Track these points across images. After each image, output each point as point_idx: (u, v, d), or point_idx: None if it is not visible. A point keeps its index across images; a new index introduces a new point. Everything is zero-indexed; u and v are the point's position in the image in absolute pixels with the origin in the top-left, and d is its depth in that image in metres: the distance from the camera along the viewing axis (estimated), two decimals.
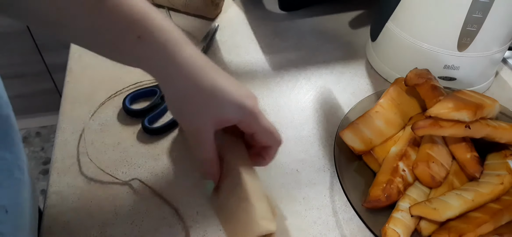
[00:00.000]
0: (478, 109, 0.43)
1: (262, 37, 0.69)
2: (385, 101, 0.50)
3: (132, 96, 0.55)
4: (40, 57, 1.50)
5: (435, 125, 0.43)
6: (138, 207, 0.44)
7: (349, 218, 0.45)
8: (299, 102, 0.58)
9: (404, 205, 0.41)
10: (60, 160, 0.48)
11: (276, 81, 0.61)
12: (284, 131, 0.53)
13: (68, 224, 0.42)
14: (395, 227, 0.39)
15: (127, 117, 0.53)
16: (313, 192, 0.47)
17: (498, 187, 0.41)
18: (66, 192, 0.45)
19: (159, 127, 0.52)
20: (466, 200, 0.40)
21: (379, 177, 0.44)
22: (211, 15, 0.72)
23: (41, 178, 1.51)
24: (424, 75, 0.49)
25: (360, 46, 0.68)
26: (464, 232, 0.38)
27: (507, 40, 0.55)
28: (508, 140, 0.44)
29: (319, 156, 0.51)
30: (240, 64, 0.64)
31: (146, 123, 0.51)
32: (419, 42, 0.55)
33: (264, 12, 0.75)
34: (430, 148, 0.44)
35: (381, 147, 0.47)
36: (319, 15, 0.75)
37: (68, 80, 0.59)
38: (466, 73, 0.56)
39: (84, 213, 0.43)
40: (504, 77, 0.64)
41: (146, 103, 0.55)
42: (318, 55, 0.66)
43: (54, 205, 0.44)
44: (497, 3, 0.48)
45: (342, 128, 0.47)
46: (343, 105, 0.58)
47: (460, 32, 0.52)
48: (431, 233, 0.40)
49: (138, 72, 0.60)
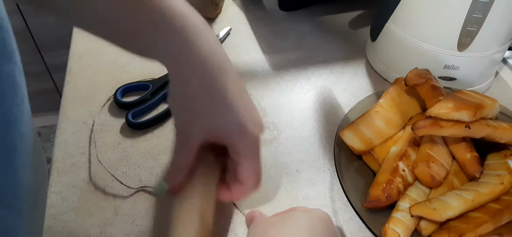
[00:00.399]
0: (478, 109, 0.43)
1: (262, 37, 0.69)
2: (385, 101, 0.50)
3: (124, 89, 0.56)
4: (40, 57, 1.50)
5: (435, 125, 0.43)
6: (138, 207, 0.44)
7: (349, 218, 0.45)
8: (299, 102, 0.58)
9: (404, 205, 0.41)
10: (60, 160, 0.48)
11: (276, 81, 0.61)
12: (284, 131, 0.53)
13: (68, 224, 0.42)
14: (395, 227, 0.39)
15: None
16: (313, 192, 0.47)
17: (498, 187, 0.41)
18: (66, 192, 0.45)
19: (143, 122, 0.52)
20: (466, 200, 0.40)
21: (379, 177, 0.44)
22: (211, 15, 0.72)
23: None
24: (424, 75, 0.49)
25: (360, 46, 0.68)
26: (464, 232, 0.38)
27: (507, 40, 0.55)
28: (508, 140, 0.44)
29: (319, 156, 0.51)
30: (240, 64, 0.64)
31: (130, 117, 0.52)
32: (419, 42, 0.55)
33: (264, 12, 0.75)
34: (430, 148, 0.44)
35: (381, 147, 0.47)
36: (319, 15, 0.75)
37: (68, 80, 0.59)
38: (466, 73, 0.56)
39: (84, 213, 0.43)
40: (504, 77, 0.64)
41: (137, 97, 0.55)
42: (318, 55, 0.66)
43: (54, 205, 0.44)
44: (497, 3, 0.48)
45: (342, 128, 0.47)
46: (343, 105, 0.58)
47: (460, 32, 0.52)
48: (431, 233, 0.40)
49: (138, 72, 0.61)
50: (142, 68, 0.61)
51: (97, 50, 0.64)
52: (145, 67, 0.61)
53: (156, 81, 0.57)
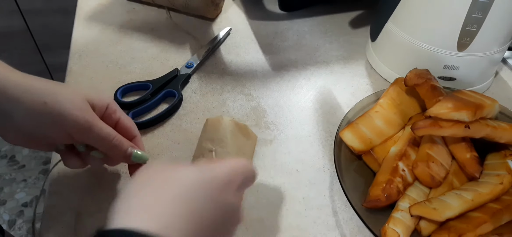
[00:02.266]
0: (477, 109, 0.43)
1: (262, 37, 0.69)
2: (385, 101, 0.50)
3: (124, 89, 0.56)
4: (40, 57, 1.50)
5: (435, 125, 0.43)
6: None
7: (349, 218, 0.45)
8: (299, 102, 0.58)
9: (404, 205, 0.41)
10: None
11: (276, 81, 0.61)
12: (284, 131, 0.53)
13: (68, 224, 0.42)
14: (395, 227, 0.39)
15: None
16: (313, 192, 0.47)
17: (497, 187, 0.41)
18: (66, 192, 0.45)
19: (143, 122, 0.52)
20: (465, 200, 0.40)
21: (379, 177, 0.44)
22: (211, 15, 0.72)
23: (41, 178, 1.51)
24: (423, 75, 0.49)
25: (360, 46, 0.68)
26: (464, 232, 0.38)
27: (507, 40, 0.55)
28: (507, 140, 0.44)
29: (319, 156, 0.51)
30: (240, 64, 0.64)
31: (130, 117, 0.52)
32: (419, 42, 0.55)
33: (264, 12, 0.75)
34: (430, 148, 0.44)
35: (381, 147, 0.47)
36: (319, 15, 0.75)
37: (68, 80, 0.59)
38: (466, 73, 0.56)
39: (84, 213, 0.43)
40: (504, 77, 0.64)
41: (137, 97, 0.56)
42: (318, 55, 0.66)
43: (54, 205, 0.44)
44: (497, 3, 0.48)
45: (342, 128, 0.48)
46: (343, 105, 0.58)
47: (460, 32, 0.52)
48: (430, 233, 0.40)
49: (138, 72, 0.61)
50: (142, 68, 0.61)
51: (97, 50, 0.64)
52: (145, 68, 0.61)
53: (156, 81, 0.57)
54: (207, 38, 0.67)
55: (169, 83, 0.57)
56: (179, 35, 0.68)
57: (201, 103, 0.56)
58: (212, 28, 0.71)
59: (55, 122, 0.36)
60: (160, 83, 0.57)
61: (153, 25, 0.70)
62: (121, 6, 0.73)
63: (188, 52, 0.65)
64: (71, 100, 0.36)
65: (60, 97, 0.36)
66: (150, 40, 0.67)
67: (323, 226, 0.44)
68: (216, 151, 0.45)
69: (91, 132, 0.37)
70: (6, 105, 0.34)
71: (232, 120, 0.47)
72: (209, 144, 0.46)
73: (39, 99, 0.35)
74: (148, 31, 0.68)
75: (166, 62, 0.63)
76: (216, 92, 0.58)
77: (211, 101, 0.57)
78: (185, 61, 0.62)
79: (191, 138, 0.51)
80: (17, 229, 1.36)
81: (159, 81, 0.57)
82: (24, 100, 0.34)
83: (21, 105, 0.34)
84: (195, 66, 0.61)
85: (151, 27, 0.69)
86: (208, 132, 0.47)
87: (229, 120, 0.47)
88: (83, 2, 0.74)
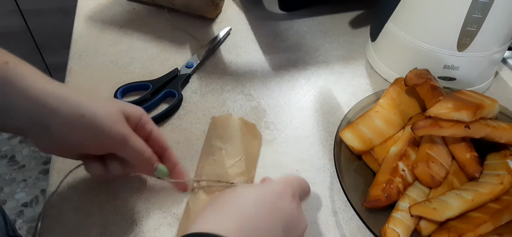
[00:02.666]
0: (477, 109, 0.43)
1: (262, 37, 0.69)
2: (385, 101, 0.50)
3: (124, 89, 0.56)
4: (40, 57, 1.50)
5: (435, 125, 0.43)
6: (139, 207, 0.44)
7: (349, 218, 0.45)
8: (299, 102, 0.58)
9: (404, 205, 0.41)
10: (61, 160, 0.48)
11: (276, 81, 0.61)
12: (284, 131, 0.53)
13: (68, 224, 0.42)
14: (395, 227, 0.39)
15: None
16: (313, 192, 0.47)
17: (497, 187, 0.41)
18: (66, 192, 0.45)
19: None
20: (465, 200, 0.40)
21: (379, 177, 0.44)
22: (211, 15, 0.72)
23: (41, 178, 1.51)
24: (423, 75, 0.49)
25: (360, 46, 0.68)
26: (464, 232, 0.38)
27: (507, 40, 0.55)
28: (507, 140, 0.44)
29: (319, 156, 0.51)
30: (240, 64, 0.64)
31: None
32: (419, 42, 0.55)
33: (264, 12, 0.75)
34: (430, 148, 0.44)
35: (381, 147, 0.47)
36: (319, 15, 0.75)
37: (68, 80, 0.59)
38: (466, 73, 0.56)
39: (84, 213, 0.43)
40: (504, 77, 0.64)
41: (137, 97, 0.55)
42: (318, 55, 0.66)
43: (54, 205, 0.44)
44: (496, 3, 0.48)
45: (342, 128, 0.48)
46: (343, 105, 0.58)
47: (460, 32, 0.52)
48: (430, 233, 0.40)
49: (138, 72, 0.61)
50: (142, 68, 0.61)
51: (97, 50, 0.64)
52: (145, 67, 0.61)
53: (156, 81, 0.57)
54: (207, 38, 0.68)
55: (169, 83, 0.57)
56: (179, 35, 0.68)
57: (201, 103, 0.56)
58: (212, 28, 0.71)
59: (91, 134, 0.36)
60: (160, 83, 0.57)
61: (153, 25, 0.70)
62: (121, 6, 0.73)
63: (188, 52, 0.65)
64: (107, 113, 0.36)
65: (96, 109, 0.36)
66: (150, 40, 0.67)
67: (323, 226, 0.44)
68: (226, 149, 0.45)
69: (126, 146, 0.37)
70: (44, 116, 0.34)
71: (241, 119, 0.47)
72: (219, 142, 0.46)
73: (76, 111, 0.35)
74: (148, 31, 0.68)
75: (166, 62, 0.63)
76: (216, 92, 0.58)
77: (211, 101, 0.57)
78: (185, 61, 0.62)
79: (191, 138, 0.51)
80: (17, 229, 1.37)
81: (159, 81, 0.57)
82: (62, 111, 0.34)
83: (58, 116, 0.34)
84: (195, 66, 0.61)
85: (151, 27, 0.69)
86: (217, 130, 0.47)
87: (238, 119, 0.47)
88: (83, 2, 0.74)
